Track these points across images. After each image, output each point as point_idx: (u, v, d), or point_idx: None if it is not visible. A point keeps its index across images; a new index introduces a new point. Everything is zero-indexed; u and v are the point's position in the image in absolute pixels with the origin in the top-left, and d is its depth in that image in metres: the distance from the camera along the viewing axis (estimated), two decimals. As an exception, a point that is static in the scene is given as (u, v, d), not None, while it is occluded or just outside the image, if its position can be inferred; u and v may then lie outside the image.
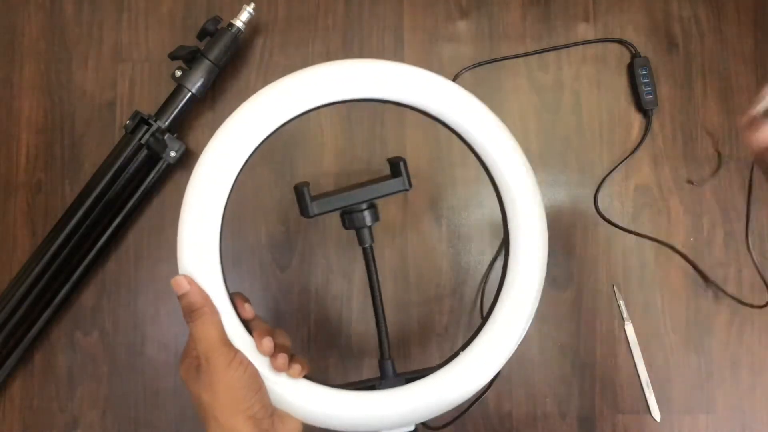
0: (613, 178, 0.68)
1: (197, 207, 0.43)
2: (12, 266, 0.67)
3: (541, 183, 0.68)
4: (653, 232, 0.68)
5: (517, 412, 0.66)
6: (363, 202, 0.46)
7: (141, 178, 0.65)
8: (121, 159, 0.63)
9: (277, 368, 0.43)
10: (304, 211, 0.46)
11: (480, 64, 0.69)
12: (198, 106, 0.69)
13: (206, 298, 0.42)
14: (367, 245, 0.48)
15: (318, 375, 0.65)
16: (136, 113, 0.64)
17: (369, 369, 0.66)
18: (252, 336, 0.44)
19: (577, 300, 0.67)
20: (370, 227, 0.47)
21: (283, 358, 0.43)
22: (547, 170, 0.68)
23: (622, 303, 0.67)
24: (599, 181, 0.68)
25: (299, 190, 0.45)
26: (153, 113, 0.64)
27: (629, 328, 0.66)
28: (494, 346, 0.46)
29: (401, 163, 0.46)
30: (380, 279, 0.67)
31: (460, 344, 0.54)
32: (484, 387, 0.46)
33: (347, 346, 0.67)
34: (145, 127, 0.63)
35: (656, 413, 0.65)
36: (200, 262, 0.43)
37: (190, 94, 0.64)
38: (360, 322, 0.66)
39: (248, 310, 0.45)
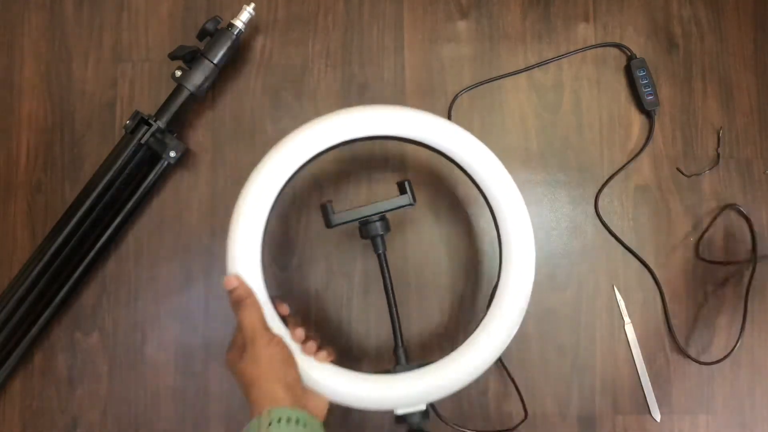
0: (613, 178, 0.68)
1: (244, 223, 0.52)
2: (12, 266, 0.67)
3: (541, 183, 0.68)
4: (653, 232, 0.68)
5: (518, 412, 0.65)
6: (375, 214, 0.55)
7: (141, 178, 0.65)
8: (121, 159, 0.63)
9: (307, 352, 0.51)
10: (327, 222, 0.55)
11: (478, 85, 0.69)
12: (198, 106, 0.69)
13: (251, 293, 0.51)
14: (380, 251, 0.56)
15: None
16: (137, 113, 0.64)
17: (368, 369, 0.66)
18: (287, 328, 0.52)
19: (577, 300, 0.67)
20: (382, 236, 0.56)
21: (312, 345, 0.52)
22: (547, 170, 0.68)
23: (622, 303, 0.67)
24: (601, 183, 0.68)
25: (324, 207, 0.55)
26: (153, 113, 0.64)
27: (629, 328, 0.66)
28: (492, 339, 0.54)
29: (406, 183, 0.55)
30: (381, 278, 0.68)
31: (459, 342, 0.54)
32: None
33: (347, 346, 0.67)
34: (145, 127, 0.63)
35: (656, 413, 0.65)
36: (247, 268, 0.52)
37: (190, 94, 0.64)
38: (360, 322, 0.66)
39: (284, 308, 0.54)
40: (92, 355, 0.67)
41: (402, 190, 0.56)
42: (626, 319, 0.66)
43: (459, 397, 0.66)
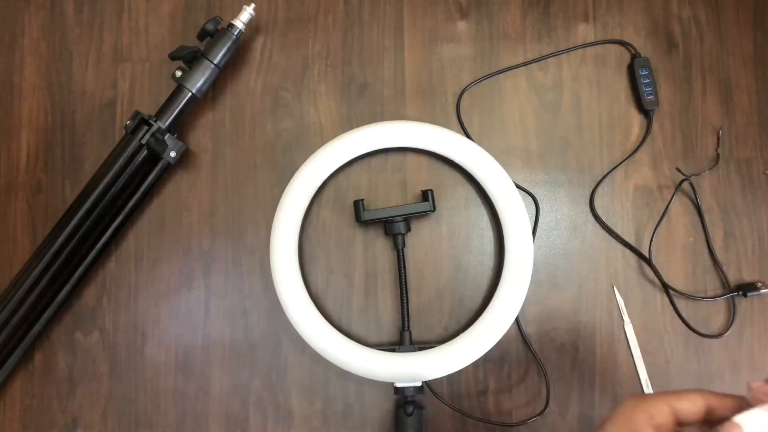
0: (613, 178, 0.68)
1: (286, 217, 0.64)
2: (12, 266, 0.67)
3: (541, 183, 0.68)
4: (652, 232, 0.68)
5: (517, 412, 0.66)
6: (399, 215, 0.64)
7: (141, 178, 0.65)
8: (122, 159, 0.63)
9: None
10: (358, 217, 0.64)
11: (481, 80, 0.69)
12: (198, 107, 0.69)
13: None
14: (400, 248, 0.65)
15: (317, 377, 0.66)
16: (137, 113, 0.64)
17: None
18: None
19: (577, 300, 0.67)
20: (403, 234, 0.64)
21: None
22: (546, 170, 0.69)
23: (622, 303, 0.67)
24: (596, 182, 0.68)
25: (356, 204, 0.64)
26: (153, 113, 0.64)
27: (629, 328, 0.66)
28: (486, 333, 0.61)
29: (429, 192, 0.65)
30: (382, 279, 0.68)
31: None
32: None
33: (347, 346, 0.67)
34: (146, 127, 0.63)
35: (656, 413, 0.65)
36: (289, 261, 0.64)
37: (190, 94, 0.64)
38: (360, 323, 0.66)
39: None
40: (92, 355, 0.67)
41: (425, 198, 0.65)
42: (626, 319, 0.67)
43: (459, 396, 0.66)
